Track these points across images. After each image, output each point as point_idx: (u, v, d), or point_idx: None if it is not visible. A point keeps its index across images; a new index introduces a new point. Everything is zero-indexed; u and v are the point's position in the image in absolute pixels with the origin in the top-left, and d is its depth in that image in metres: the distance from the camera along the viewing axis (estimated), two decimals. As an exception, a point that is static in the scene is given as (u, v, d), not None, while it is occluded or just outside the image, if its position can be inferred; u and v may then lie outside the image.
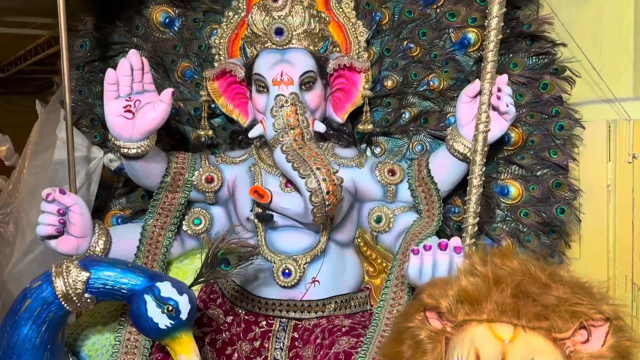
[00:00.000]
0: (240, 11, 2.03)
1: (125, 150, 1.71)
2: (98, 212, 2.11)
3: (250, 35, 1.92)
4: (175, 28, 2.17)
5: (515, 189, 2.05)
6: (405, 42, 2.07)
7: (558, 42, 2.04)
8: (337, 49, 1.99)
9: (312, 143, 1.80)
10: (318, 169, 1.66)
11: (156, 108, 1.68)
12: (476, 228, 1.72)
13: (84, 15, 2.13)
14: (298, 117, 1.79)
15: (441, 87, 2.07)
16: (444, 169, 1.87)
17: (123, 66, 1.65)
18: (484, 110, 1.67)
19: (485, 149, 1.71)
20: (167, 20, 2.17)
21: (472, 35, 2.04)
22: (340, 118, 1.99)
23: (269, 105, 1.82)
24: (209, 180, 1.92)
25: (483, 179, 1.71)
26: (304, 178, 1.66)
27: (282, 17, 1.84)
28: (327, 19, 1.97)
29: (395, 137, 2.13)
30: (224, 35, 2.05)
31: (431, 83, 2.07)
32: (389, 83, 2.08)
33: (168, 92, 1.69)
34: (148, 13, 2.16)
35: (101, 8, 2.13)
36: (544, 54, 2.02)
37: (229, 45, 2.06)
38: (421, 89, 2.08)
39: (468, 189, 1.72)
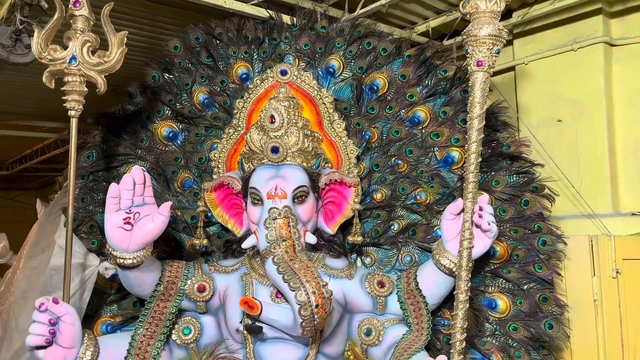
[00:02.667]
0: (239, 129, 2.18)
1: (122, 261, 1.75)
2: (88, 318, 2.10)
3: (248, 152, 2.05)
4: (178, 141, 2.31)
5: (502, 302, 2.08)
6: (393, 159, 2.20)
7: (536, 162, 2.17)
8: (329, 165, 2.11)
9: (303, 254, 1.85)
10: (308, 281, 1.69)
11: (154, 220, 1.74)
12: (464, 344, 1.73)
13: (94, 130, 2.27)
14: (290, 229, 1.86)
15: (428, 201, 2.16)
16: (432, 282, 1.91)
17: (126, 181, 1.72)
18: (467, 228, 1.74)
19: (470, 264, 1.76)
20: (171, 134, 2.31)
21: (455, 154, 2.18)
22: (331, 229, 2.05)
23: (262, 217, 1.90)
24: (201, 290, 1.95)
25: (469, 294, 1.75)
26: (294, 291, 1.68)
27: (278, 136, 1.97)
28: (320, 137, 2.11)
29: (384, 247, 2.19)
30: (223, 149, 2.19)
31: (418, 197, 2.17)
32: (378, 196, 2.19)
33: (167, 205, 1.76)
34: (153, 127, 2.31)
35: (111, 123, 2.28)
36: (523, 173, 2.14)
37: (227, 159, 2.18)
38: (409, 203, 2.18)
39: (455, 304, 1.74)
